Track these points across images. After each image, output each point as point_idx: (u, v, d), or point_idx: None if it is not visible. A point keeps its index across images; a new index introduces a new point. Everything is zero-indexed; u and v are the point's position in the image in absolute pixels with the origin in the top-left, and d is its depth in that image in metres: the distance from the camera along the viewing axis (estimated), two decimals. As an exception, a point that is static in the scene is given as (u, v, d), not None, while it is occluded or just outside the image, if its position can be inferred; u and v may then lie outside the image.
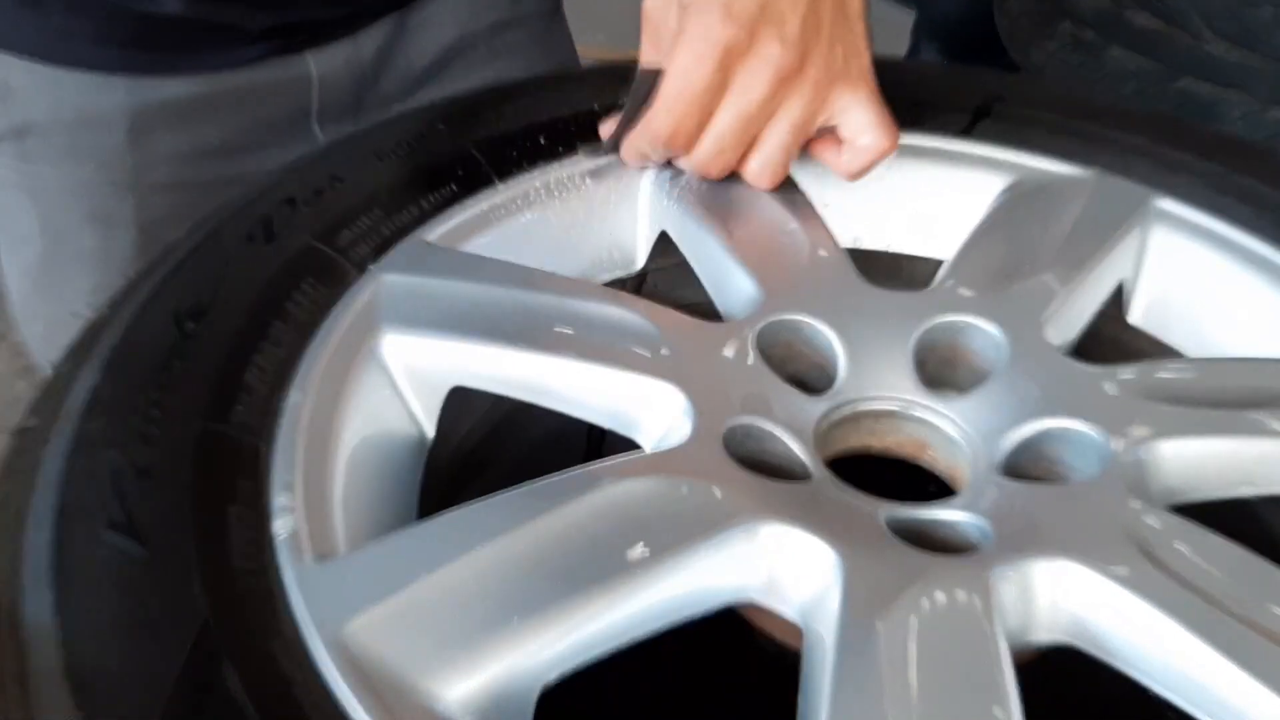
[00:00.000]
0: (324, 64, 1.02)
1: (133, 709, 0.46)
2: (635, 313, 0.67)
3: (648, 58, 0.75)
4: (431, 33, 1.07)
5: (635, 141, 0.76)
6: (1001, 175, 0.81)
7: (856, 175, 0.77)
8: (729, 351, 0.67)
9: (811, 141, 0.76)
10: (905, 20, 2.41)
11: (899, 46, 2.31)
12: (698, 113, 0.72)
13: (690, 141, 0.73)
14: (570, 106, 0.82)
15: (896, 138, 0.76)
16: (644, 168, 0.78)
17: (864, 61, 0.75)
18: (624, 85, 0.77)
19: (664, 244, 0.80)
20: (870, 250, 0.84)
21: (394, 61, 1.06)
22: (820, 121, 0.74)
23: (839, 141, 0.76)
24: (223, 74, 0.98)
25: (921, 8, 2.27)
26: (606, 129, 0.79)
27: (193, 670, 0.48)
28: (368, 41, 1.03)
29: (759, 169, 0.75)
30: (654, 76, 0.73)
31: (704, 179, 0.77)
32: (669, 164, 0.78)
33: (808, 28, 0.71)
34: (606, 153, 0.79)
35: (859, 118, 0.74)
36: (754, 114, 0.72)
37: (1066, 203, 0.78)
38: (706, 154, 0.74)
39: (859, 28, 0.75)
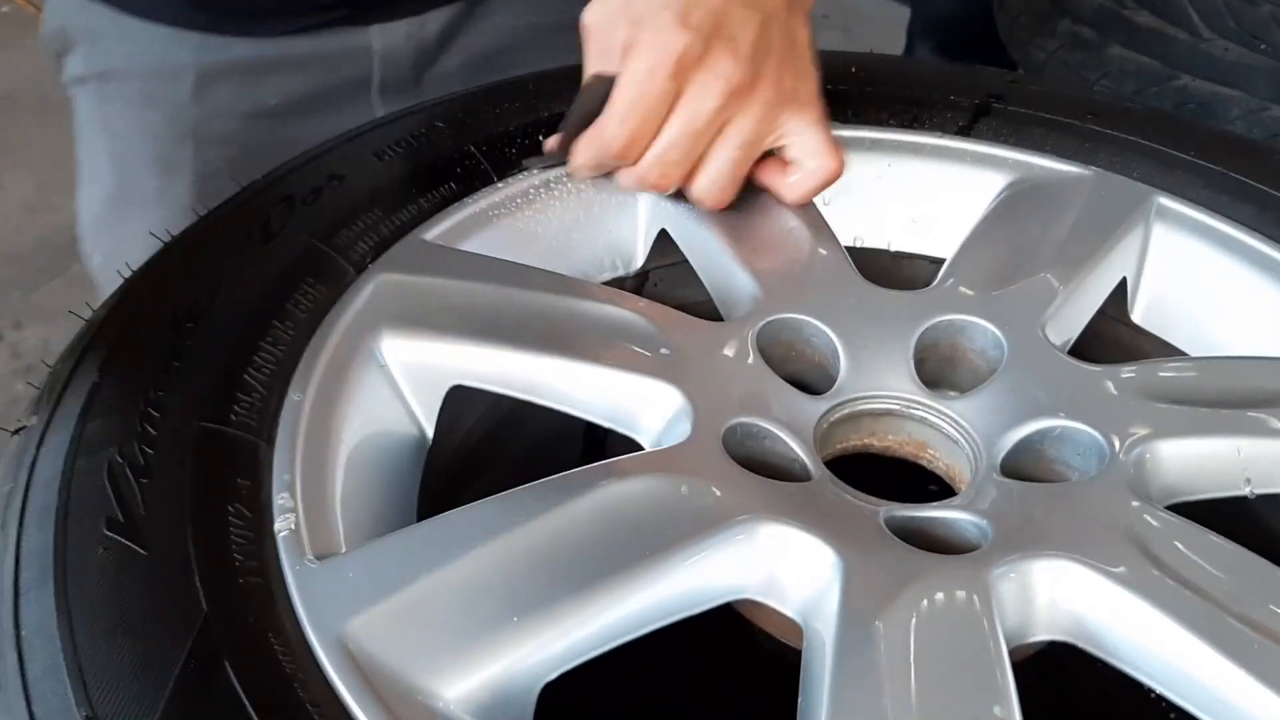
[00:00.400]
0: (387, 38, 1.05)
1: (132, 708, 0.46)
2: (635, 312, 0.67)
3: (593, 71, 0.74)
4: (497, 21, 1.09)
5: (586, 151, 0.74)
6: (1002, 173, 0.81)
7: (802, 200, 0.76)
8: (729, 351, 0.67)
9: (756, 165, 0.75)
10: (903, 18, 2.41)
11: (896, 45, 2.31)
12: (652, 122, 0.70)
13: (642, 151, 0.72)
14: (570, 104, 0.82)
15: (842, 163, 0.74)
16: (593, 179, 0.77)
17: (812, 86, 0.74)
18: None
19: (666, 243, 0.79)
20: (870, 249, 0.84)
21: (457, 44, 1.08)
22: (769, 142, 0.73)
23: (784, 165, 0.75)
24: (287, 39, 1.03)
25: (916, 6, 2.27)
26: (552, 141, 0.77)
27: (192, 669, 0.48)
28: (433, 21, 1.06)
29: (706, 185, 0.73)
30: (604, 85, 0.71)
31: (642, 191, 0.75)
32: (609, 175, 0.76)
33: (759, 47, 0.70)
34: (551, 165, 0.77)
35: (807, 140, 0.73)
36: (702, 127, 0.70)
37: (1067, 201, 0.78)
38: (651, 165, 0.72)
39: (806, 54, 0.74)
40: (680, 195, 0.77)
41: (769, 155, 0.75)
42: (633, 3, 0.70)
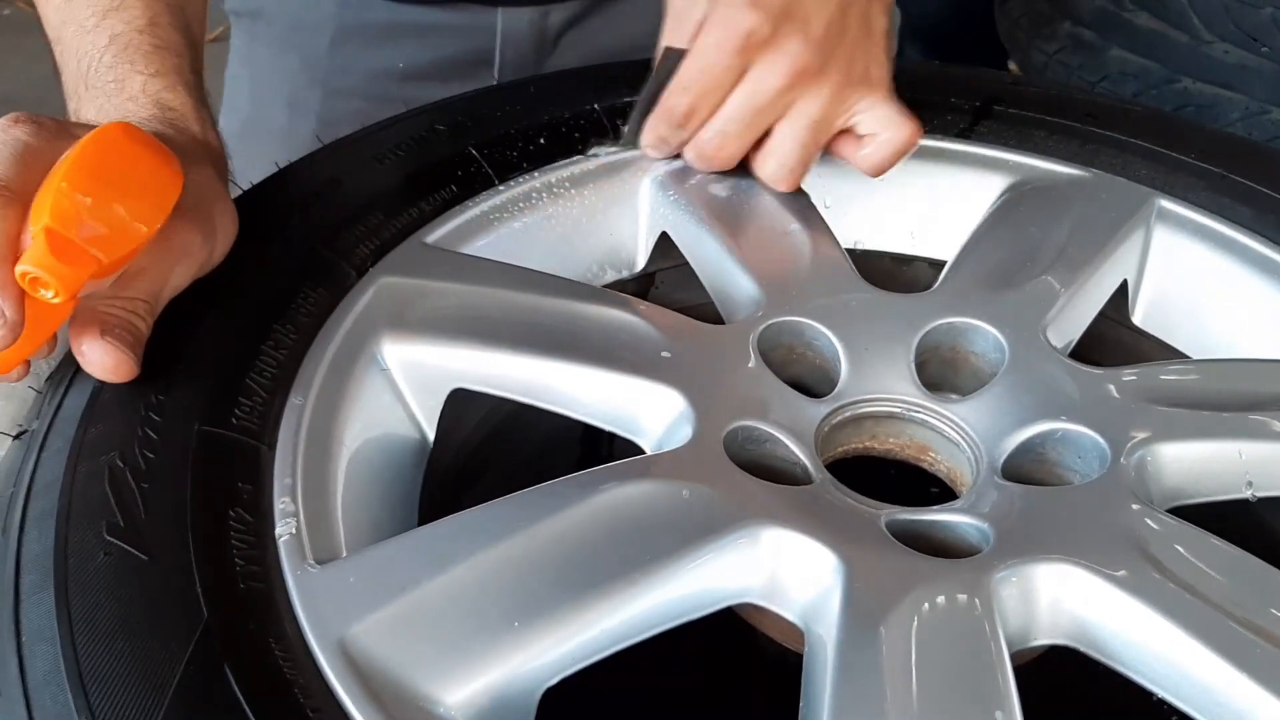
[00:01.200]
0: (511, 21, 1.09)
1: (133, 713, 0.46)
2: (636, 315, 0.67)
3: (669, 43, 0.76)
4: (620, 23, 1.11)
5: (654, 124, 0.76)
6: (1002, 175, 0.81)
7: (879, 169, 0.77)
8: (730, 354, 0.66)
9: (831, 140, 0.76)
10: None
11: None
12: (714, 94, 0.72)
13: (703, 125, 0.74)
14: (571, 107, 0.82)
15: (918, 130, 0.76)
16: (663, 156, 0.78)
17: (884, 72, 0.75)
18: (621, 87, 0.77)
19: (670, 244, 0.79)
20: (871, 252, 0.84)
21: (578, 39, 1.11)
22: (838, 124, 0.75)
23: (858, 139, 0.76)
24: (420, 8, 1.09)
25: (904, 9, 2.27)
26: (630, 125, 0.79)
27: (193, 674, 0.48)
28: (557, 13, 1.09)
29: (775, 168, 0.75)
30: (674, 59, 0.73)
31: (705, 167, 0.77)
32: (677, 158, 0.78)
33: (832, 31, 0.72)
34: (625, 146, 0.79)
35: (879, 113, 0.75)
36: (765, 104, 0.72)
37: (1068, 203, 0.78)
38: (710, 137, 0.74)
39: (882, 42, 0.75)
40: (681, 196, 0.77)
41: (843, 132, 0.76)
42: None
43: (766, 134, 0.75)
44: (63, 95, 0.73)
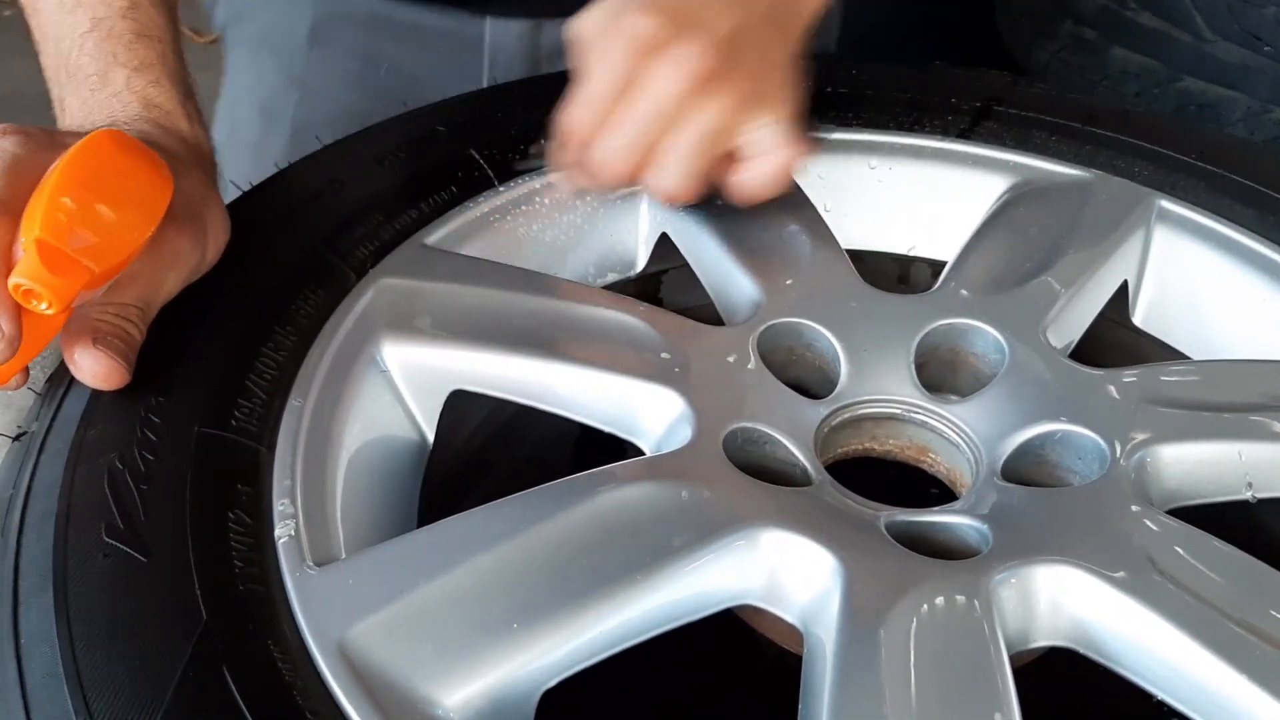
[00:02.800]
0: (499, 33, 1.03)
1: (132, 715, 0.46)
2: (636, 317, 0.67)
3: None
4: None
5: (560, 148, 0.71)
6: (1003, 176, 0.81)
7: (746, 199, 0.72)
8: (730, 355, 0.66)
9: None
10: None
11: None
12: (604, 108, 0.67)
13: (592, 137, 0.68)
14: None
15: (800, 153, 0.70)
16: (576, 185, 0.73)
17: (789, 95, 0.70)
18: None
19: (671, 245, 0.79)
20: (871, 253, 0.83)
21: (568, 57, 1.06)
22: (735, 139, 0.69)
23: (735, 162, 0.71)
24: (403, 4, 1.02)
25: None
26: (535, 146, 0.76)
27: (191, 676, 0.48)
28: (550, 30, 1.03)
29: (660, 171, 0.68)
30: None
31: (593, 187, 0.72)
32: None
33: (736, 40, 0.66)
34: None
35: (766, 135, 0.69)
36: (658, 113, 0.66)
37: (1068, 204, 0.78)
38: (605, 149, 0.68)
39: (787, 67, 0.70)
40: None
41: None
42: (611, 6, 0.68)
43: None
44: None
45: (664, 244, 0.79)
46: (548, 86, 0.86)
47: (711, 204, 0.76)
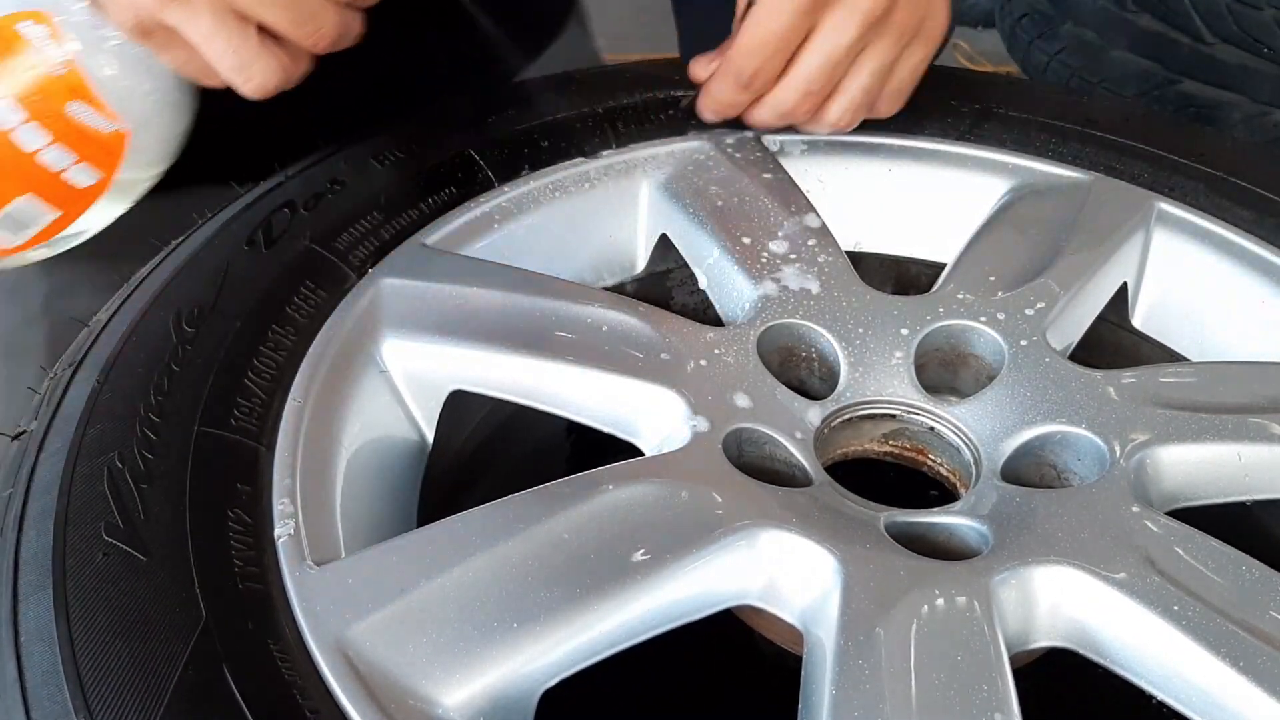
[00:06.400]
0: None
1: (131, 713, 0.46)
2: (635, 317, 0.67)
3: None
4: None
5: (718, 88, 0.76)
6: (1003, 178, 0.81)
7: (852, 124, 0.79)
8: (729, 356, 0.66)
9: None
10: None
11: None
12: (782, 53, 0.73)
13: (770, 82, 0.74)
14: (571, 109, 0.82)
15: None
16: (720, 119, 0.79)
17: (940, 19, 0.77)
18: (621, 90, 0.77)
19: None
20: (871, 254, 0.83)
21: None
22: (896, 72, 0.76)
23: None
24: None
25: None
26: (693, 69, 0.79)
27: (191, 675, 0.48)
28: None
29: (840, 113, 0.76)
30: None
31: (780, 123, 0.77)
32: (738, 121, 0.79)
33: None
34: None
35: (907, 82, 0.77)
36: (841, 57, 0.73)
37: (1068, 206, 0.78)
38: (793, 95, 0.74)
39: None
40: (681, 198, 0.77)
41: None
42: None
43: None
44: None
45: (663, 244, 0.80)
46: (547, 89, 0.86)
47: (711, 204, 0.76)
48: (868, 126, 0.82)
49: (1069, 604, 0.55)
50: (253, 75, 0.66)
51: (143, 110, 0.68)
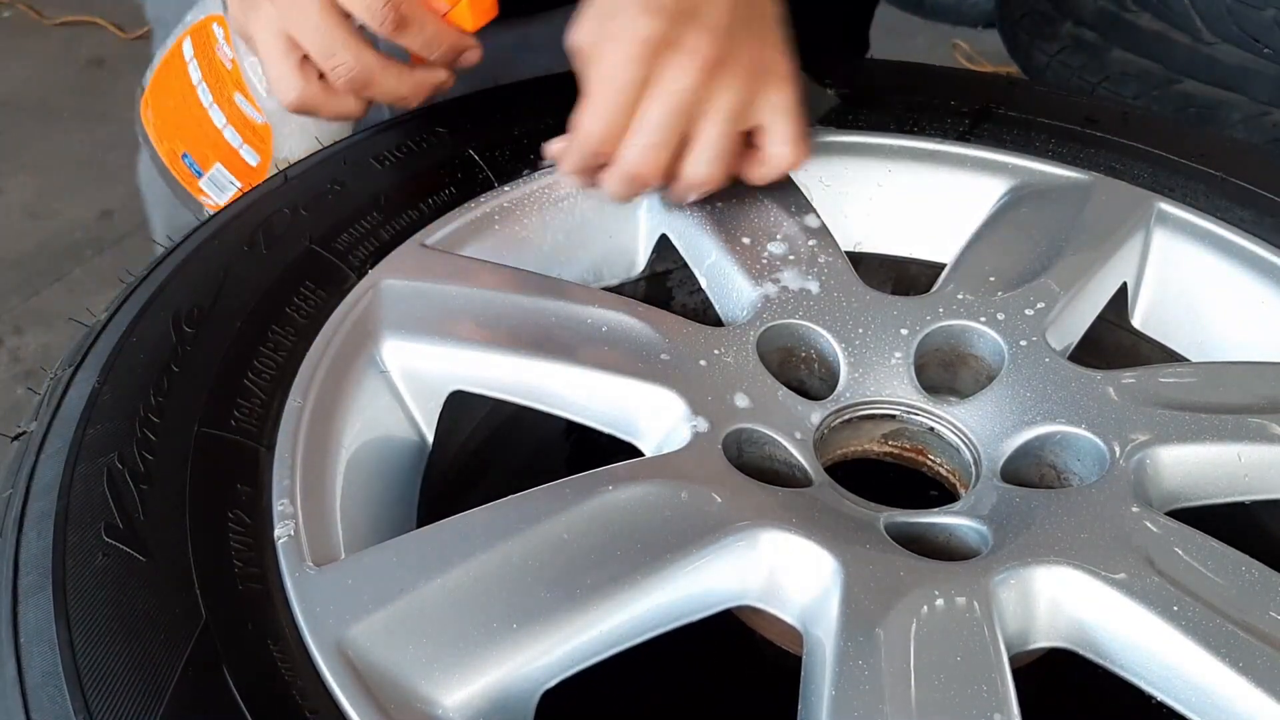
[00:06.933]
0: None
1: (131, 714, 0.46)
2: (635, 317, 0.67)
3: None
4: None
5: (570, 155, 0.73)
6: (1003, 178, 0.81)
7: (761, 181, 0.75)
8: (729, 356, 0.66)
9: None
10: (907, 20, 2.41)
11: (900, 49, 2.31)
12: (627, 110, 0.69)
13: (616, 144, 0.70)
14: (571, 110, 0.82)
15: (807, 154, 0.74)
16: (584, 185, 0.75)
17: (786, 62, 0.73)
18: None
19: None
20: (871, 254, 0.83)
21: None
22: (751, 117, 0.72)
23: (752, 153, 0.74)
24: None
25: None
26: (552, 147, 0.75)
27: (191, 675, 0.48)
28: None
29: (698, 165, 0.71)
30: None
31: (631, 190, 0.73)
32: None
33: (732, 23, 0.69)
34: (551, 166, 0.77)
35: (781, 127, 0.73)
36: (683, 105, 0.69)
37: (1068, 206, 0.78)
38: (637, 150, 0.70)
39: (778, 29, 0.73)
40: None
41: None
42: (605, 10, 0.70)
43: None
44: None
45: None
46: (547, 89, 0.86)
47: (711, 205, 0.76)
48: (868, 127, 0.82)
49: (1069, 604, 0.55)
50: (281, 87, 0.77)
51: (276, 108, 0.81)
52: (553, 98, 0.84)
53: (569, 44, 0.72)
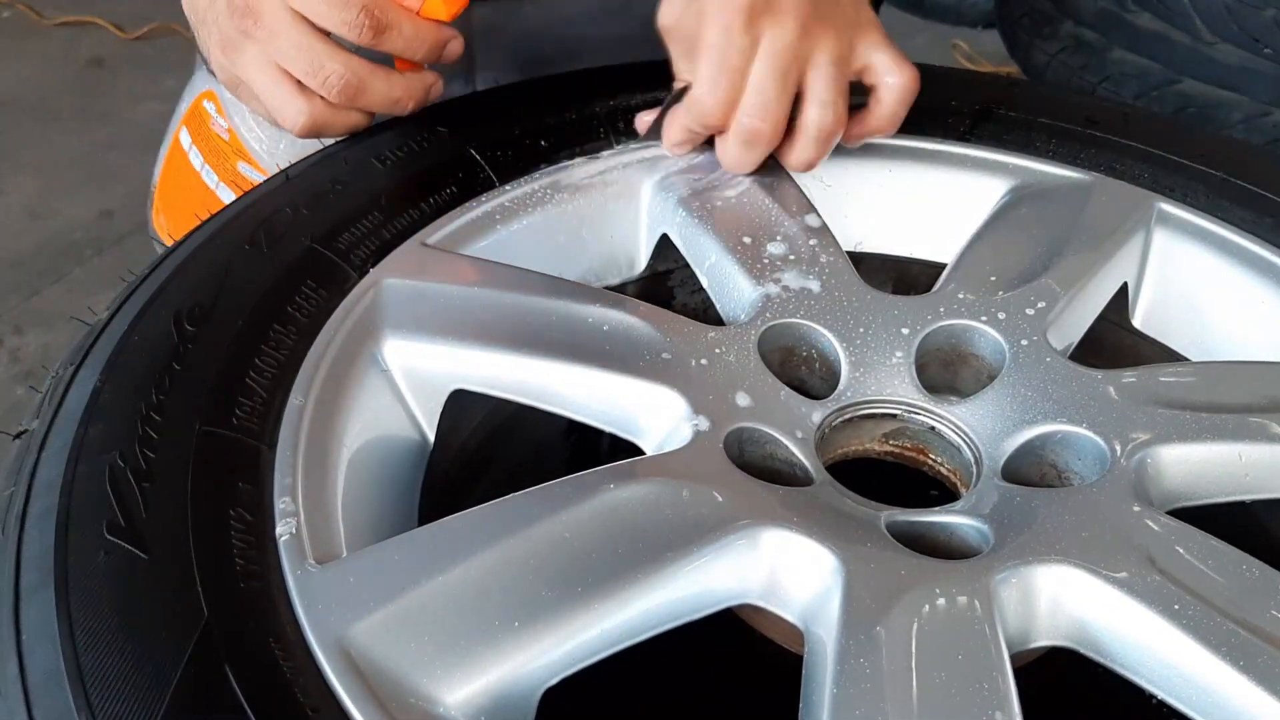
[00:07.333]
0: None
1: (133, 712, 0.46)
2: (636, 316, 0.67)
3: (682, 73, 0.77)
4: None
5: (679, 121, 0.77)
6: (1003, 178, 0.81)
7: (894, 119, 0.78)
8: (730, 355, 0.66)
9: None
10: (907, 20, 2.41)
11: (900, 49, 2.31)
12: (737, 76, 0.73)
13: (733, 110, 0.74)
14: (571, 109, 0.82)
15: (918, 74, 0.78)
16: (687, 151, 0.79)
17: (872, 14, 0.77)
18: (622, 90, 0.77)
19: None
20: (872, 254, 0.84)
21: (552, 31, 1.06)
22: (853, 64, 0.76)
23: (861, 110, 0.78)
24: None
25: None
26: (644, 121, 0.80)
27: (193, 673, 0.48)
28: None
29: (818, 115, 0.75)
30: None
31: (751, 151, 0.76)
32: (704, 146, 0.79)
33: None
34: (646, 141, 0.80)
35: (886, 60, 0.77)
36: (789, 62, 0.73)
37: (1069, 206, 0.78)
38: (752, 109, 0.74)
39: None
40: (682, 198, 0.77)
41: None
42: None
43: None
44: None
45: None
46: (547, 89, 0.86)
47: (711, 205, 0.76)
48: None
49: (1070, 603, 0.55)
50: (286, 115, 0.77)
51: (280, 162, 0.84)
52: (552, 97, 0.84)
53: (659, 24, 0.76)
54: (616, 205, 0.79)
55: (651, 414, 0.63)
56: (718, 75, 0.73)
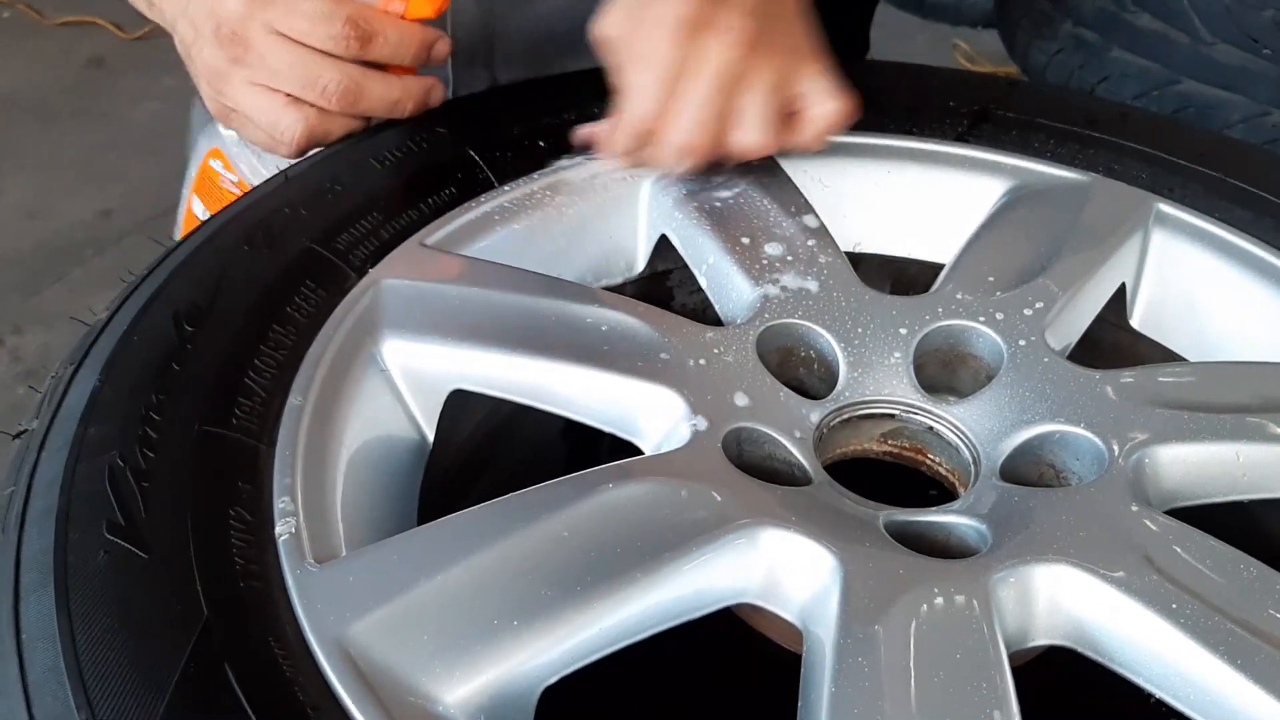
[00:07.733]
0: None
1: (133, 711, 0.46)
2: (634, 317, 0.67)
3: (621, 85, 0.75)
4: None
5: (614, 136, 0.75)
6: (1001, 179, 0.81)
7: (816, 140, 0.77)
8: (729, 356, 0.67)
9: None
10: (907, 20, 2.41)
11: (900, 49, 2.31)
12: (670, 88, 0.72)
13: (665, 121, 0.73)
14: (570, 110, 0.82)
15: (851, 106, 0.76)
16: (633, 165, 0.77)
17: (815, 43, 0.76)
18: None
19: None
20: (870, 254, 0.84)
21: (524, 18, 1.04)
22: (790, 92, 0.75)
23: (792, 120, 0.77)
24: None
25: None
26: (580, 134, 0.78)
27: (192, 672, 0.48)
28: None
29: (748, 134, 0.74)
30: None
31: (688, 161, 0.75)
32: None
33: (763, 5, 0.72)
34: (583, 156, 0.79)
35: (821, 88, 0.76)
36: (727, 79, 0.72)
37: (1067, 207, 0.78)
38: (686, 122, 0.72)
39: (804, 16, 0.76)
40: (681, 198, 0.77)
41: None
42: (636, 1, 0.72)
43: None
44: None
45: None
46: (547, 89, 0.86)
47: (711, 205, 0.76)
48: (867, 128, 0.82)
49: (1068, 602, 0.55)
50: (283, 129, 0.77)
51: None
52: (551, 98, 0.84)
53: (596, 35, 0.75)
54: (615, 206, 0.79)
55: (650, 414, 0.64)
56: (651, 85, 0.72)
